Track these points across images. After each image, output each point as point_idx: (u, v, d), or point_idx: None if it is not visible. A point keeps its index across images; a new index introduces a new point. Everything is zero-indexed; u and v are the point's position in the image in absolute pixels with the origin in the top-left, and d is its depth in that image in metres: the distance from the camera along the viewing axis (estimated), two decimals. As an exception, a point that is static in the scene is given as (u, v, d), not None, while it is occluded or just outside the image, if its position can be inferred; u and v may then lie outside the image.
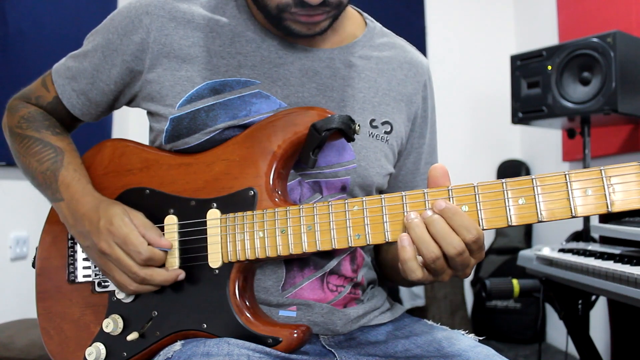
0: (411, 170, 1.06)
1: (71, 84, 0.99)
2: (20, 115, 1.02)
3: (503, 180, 0.72)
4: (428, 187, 0.75)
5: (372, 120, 0.96)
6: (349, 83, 0.96)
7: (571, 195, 0.70)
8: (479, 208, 0.73)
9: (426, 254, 0.71)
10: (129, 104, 1.01)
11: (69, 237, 0.98)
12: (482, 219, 0.73)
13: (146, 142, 1.01)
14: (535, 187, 0.71)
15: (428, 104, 1.06)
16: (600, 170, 0.69)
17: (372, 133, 0.96)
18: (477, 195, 0.73)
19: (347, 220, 0.79)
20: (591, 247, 1.59)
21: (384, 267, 1.07)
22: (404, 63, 1.03)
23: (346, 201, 0.79)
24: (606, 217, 1.67)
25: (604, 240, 1.68)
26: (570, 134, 2.31)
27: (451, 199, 0.74)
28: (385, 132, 0.97)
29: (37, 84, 1.04)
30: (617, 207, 0.69)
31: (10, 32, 2.28)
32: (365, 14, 1.05)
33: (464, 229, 0.71)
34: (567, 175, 0.70)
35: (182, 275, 0.86)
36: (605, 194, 0.69)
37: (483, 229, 0.73)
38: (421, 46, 3.49)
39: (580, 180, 0.70)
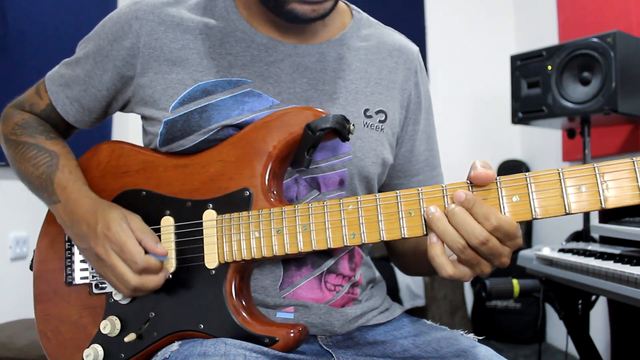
0: (408, 158, 1.05)
1: (64, 91, 1.00)
2: (14, 122, 1.03)
3: (497, 177, 0.72)
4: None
5: (366, 110, 0.96)
6: (340, 75, 0.96)
7: (565, 192, 0.69)
8: None
9: (452, 245, 0.71)
10: (122, 109, 1.01)
11: (66, 240, 0.98)
12: None
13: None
14: (529, 185, 0.71)
15: (421, 89, 1.05)
16: (594, 167, 0.69)
17: (366, 123, 0.96)
18: None
19: (342, 220, 0.79)
20: (591, 247, 1.58)
21: (405, 258, 1.05)
22: (393, 51, 1.03)
23: (341, 200, 0.79)
24: (606, 217, 1.66)
25: (604, 240, 1.68)
26: (570, 134, 2.31)
27: (445, 197, 0.74)
28: (380, 121, 0.97)
29: (30, 92, 1.05)
30: (611, 204, 0.68)
31: (10, 32, 2.28)
32: (352, 5, 1.05)
33: (484, 217, 0.70)
34: (560, 173, 0.70)
35: (169, 272, 0.86)
36: (598, 191, 0.68)
37: None
38: (421, 46, 3.47)
39: (573, 177, 0.69)
